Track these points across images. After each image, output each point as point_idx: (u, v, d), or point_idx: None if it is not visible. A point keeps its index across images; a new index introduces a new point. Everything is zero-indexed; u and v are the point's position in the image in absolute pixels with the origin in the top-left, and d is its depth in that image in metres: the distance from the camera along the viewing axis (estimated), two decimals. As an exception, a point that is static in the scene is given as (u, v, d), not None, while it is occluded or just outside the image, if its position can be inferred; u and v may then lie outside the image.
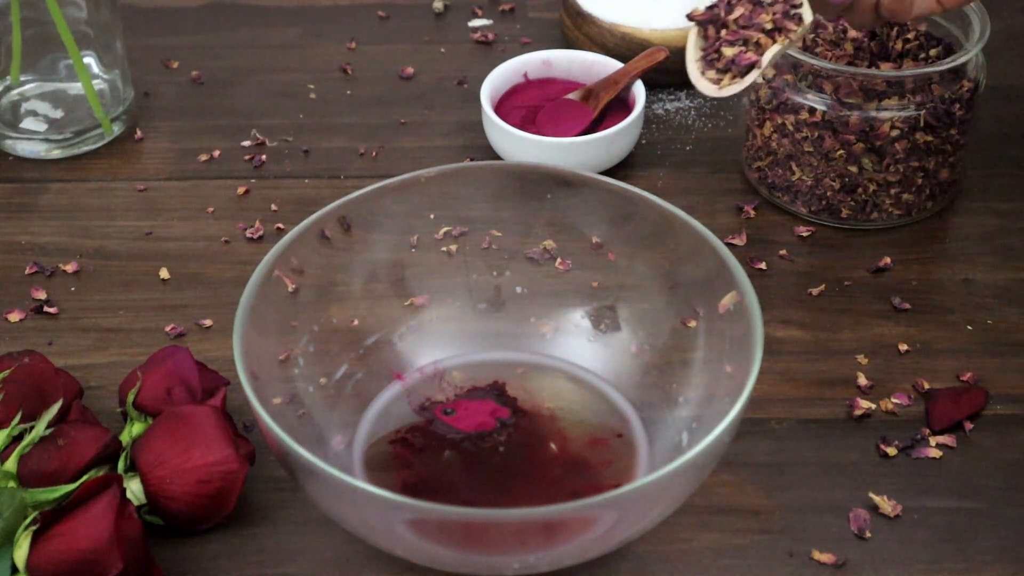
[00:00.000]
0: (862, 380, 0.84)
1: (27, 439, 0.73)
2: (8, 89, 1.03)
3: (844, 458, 0.80)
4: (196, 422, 0.74)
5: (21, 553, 0.69)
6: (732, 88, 0.77)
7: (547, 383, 0.81)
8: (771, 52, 0.77)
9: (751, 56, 0.77)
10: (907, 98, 0.90)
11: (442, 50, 1.13)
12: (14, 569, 0.69)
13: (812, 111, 0.90)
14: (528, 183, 0.82)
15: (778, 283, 0.91)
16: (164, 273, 0.92)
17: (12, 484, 0.72)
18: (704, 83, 0.78)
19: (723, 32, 0.78)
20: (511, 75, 1.03)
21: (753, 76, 0.77)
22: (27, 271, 0.92)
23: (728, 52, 0.77)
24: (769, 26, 0.77)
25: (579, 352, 0.82)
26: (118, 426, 0.78)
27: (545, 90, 1.03)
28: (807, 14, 0.78)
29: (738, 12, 0.78)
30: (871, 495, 0.77)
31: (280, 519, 0.77)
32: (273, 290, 0.76)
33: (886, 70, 0.89)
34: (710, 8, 0.80)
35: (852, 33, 0.93)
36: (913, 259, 0.92)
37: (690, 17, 0.79)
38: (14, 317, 0.89)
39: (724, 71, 0.78)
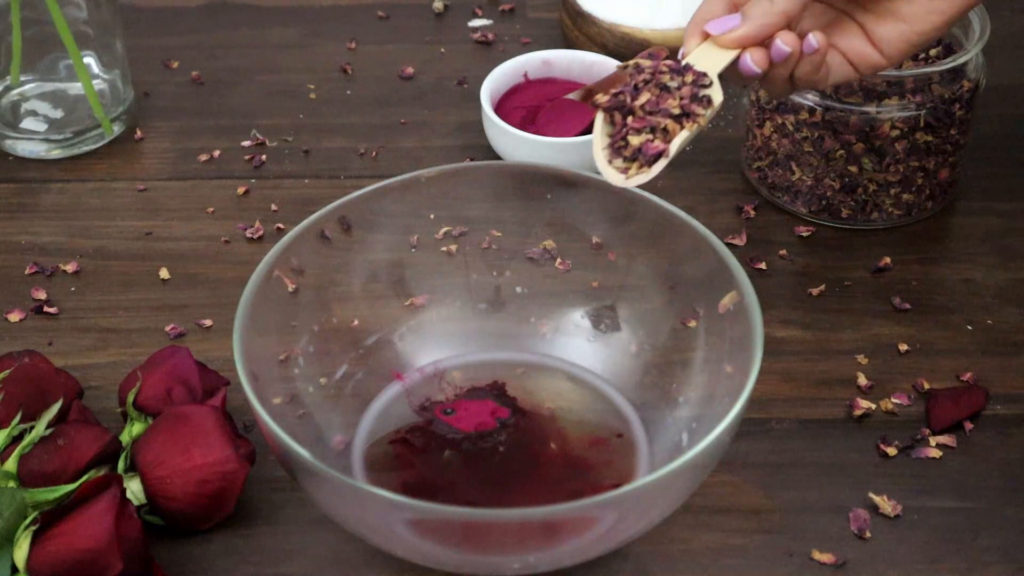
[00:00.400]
0: (862, 380, 0.84)
1: (27, 439, 0.73)
2: (8, 89, 1.03)
3: (844, 458, 0.80)
4: (196, 422, 0.74)
5: (21, 553, 0.69)
6: (640, 178, 0.73)
7: (547, 383, 0.81)
8: (679, 140, 0.73)
9: (658, 145, 0.73)
10: (907, 98, 0.90)
11: (442, 50, 1.13)
12: (14, 569, 0.69)
13: (812, 111, 0.90)
14: (528, 183, 0.82)
15: (778, 283, 0.91)
16: (164, 273, 0.92)
17: (12, 484, 0.72)
18: (611, 172, 0.74)
19: (630, 119, 0.74)
20: (511, 75, 1.03)
21: (661, 165, 0.73)
22: (27, 271, 0.92)
23: (635, 141, 0.73)
24: (676, 111, 0.74)
25: (579, 352, 0.82)
26: (118, 426, 0.78)
27: (545, 90, 1.03)
28: (716, 95, 0.75)
29: (644, 98, 0.74)
30: (871, 495, 0.77)
31: (280, 519, 0.77)
32: (273, 290, 0.76)
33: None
34: (615, 95, 0.75)
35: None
36: (913, 259, 0.92)
37: (594, 104, 0.75)
38: (14, 317, 0.89)
39: (632, 159, 0.74)
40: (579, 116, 0.99)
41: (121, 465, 0.75)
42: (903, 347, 0.86)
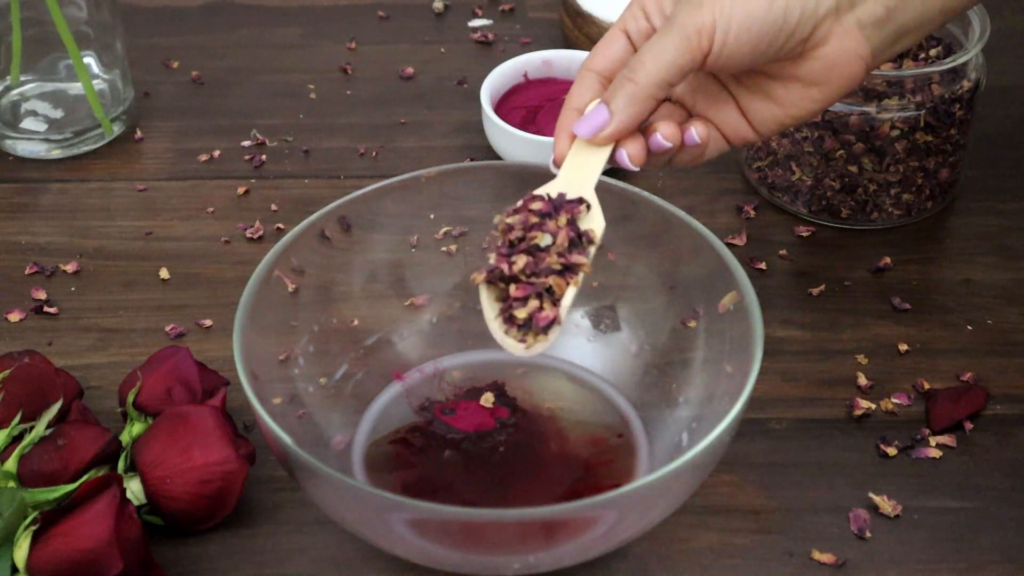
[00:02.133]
0: (862, 380, 0.84)
1: (27, 439, 0.73)
2: (8, 89, 1.03)
3: (844, 458, 0.79)
4: (196, 422, 0.74)
5: (21, 553, 0.69)
6: (539, 347, 0.69)
7: (547, 383, 0.81)
8: (568, 298, 0.70)
9: (547, 315, 0.69)
10: (907, 98, 0.90)
11: (442, 50, 1.13)
12: (14, 569, 0.69)
13: (812, 111, 0.90)
14: (528, 183, 0.81)
15: (778, 283, 0.91)
16: (164, 273, 0.92)
17: (12, 484, 0.72)
18: (510, 342, 0.70)
19: (513, 288, 0.69)
20: (511, 75, 1.03)
21: (556, 332, 0.69)
22: (27, 271, 0.92)
23: (521, 314, 0.69)
24: (558, 267, 0.70)
25: (579, 352, 0.82)
26: (118, 426, 0.78)
27: (545, 90, 1.03)
28: (597, 224, 0.71)
29: (521, 262, 0.69)
30: (871, 495, 0.77)
31: (280, 519, 0.77)
32: (273, 290, 0.76)
33: (886, 70, 0.89)
34: (491, 270, 0.70)
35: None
36: (913, 259, 0.92)
37: (474, 280, 0.71)
38: (14, 317, 0.89)
39: (526, 327, 0.69)
40: (579, 116, 0.99)
41: (121, 465, 0.75)
42: (903, 347, 0.86)
